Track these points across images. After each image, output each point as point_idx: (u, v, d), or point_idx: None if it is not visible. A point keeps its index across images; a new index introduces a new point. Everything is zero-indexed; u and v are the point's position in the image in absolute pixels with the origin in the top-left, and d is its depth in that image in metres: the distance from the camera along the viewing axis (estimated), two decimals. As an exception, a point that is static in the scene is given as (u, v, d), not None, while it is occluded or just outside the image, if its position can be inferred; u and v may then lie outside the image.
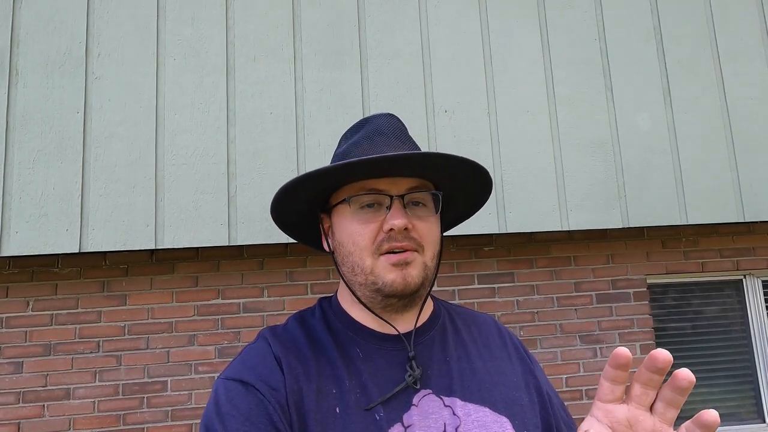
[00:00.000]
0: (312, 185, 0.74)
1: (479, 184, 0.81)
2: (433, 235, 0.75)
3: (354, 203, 0.73)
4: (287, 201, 0.78)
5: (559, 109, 2.69)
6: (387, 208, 0.72)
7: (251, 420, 0.64)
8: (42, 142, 2.36)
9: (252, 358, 0.71)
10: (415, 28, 2.68)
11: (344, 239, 0.74)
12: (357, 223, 0.72)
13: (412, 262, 0.71)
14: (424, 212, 0.75)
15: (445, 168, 0.75)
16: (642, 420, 0.53)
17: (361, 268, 0.72)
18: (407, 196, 0.73)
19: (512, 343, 0.83)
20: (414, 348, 0.74)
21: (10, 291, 2.48)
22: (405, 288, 0.71)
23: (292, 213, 0.82)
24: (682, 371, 0.51)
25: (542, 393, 0.79)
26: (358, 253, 0.72)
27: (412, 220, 0.72)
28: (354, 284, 0.74)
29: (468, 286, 2.71)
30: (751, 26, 2.87)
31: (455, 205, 0.86)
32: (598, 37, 2.78)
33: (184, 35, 2.53)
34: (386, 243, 0.71)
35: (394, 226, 0.69)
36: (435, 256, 0.75)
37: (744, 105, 2.78)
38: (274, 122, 2.51)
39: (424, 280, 0.73)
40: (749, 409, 2.85)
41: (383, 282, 0.71)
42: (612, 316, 2.75)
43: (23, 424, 2.38)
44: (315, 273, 2.62)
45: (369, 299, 0.74)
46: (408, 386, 0.70)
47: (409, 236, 0.71)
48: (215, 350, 2.52)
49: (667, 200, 2.65)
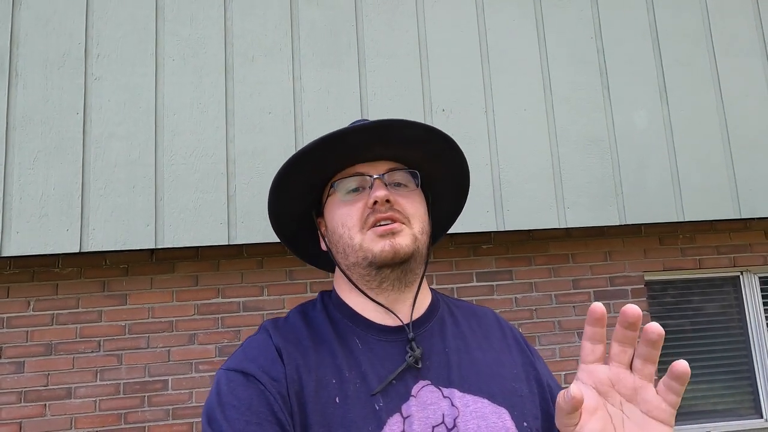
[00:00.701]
0: (297, 171, 0.77)
1: (451, 160, 0.84)
2: (418, 209, 0.78)
3: (340, 189, 0.77)
4: (281, 197, 0.80)
5: (556, 108, 2.70)
6: (370, 188, 0.76)
7: (252, 410, 0.65)
8: (42, 142, 2.37)
9: (253, 349, 0.72)
10: (412, 27, 2.69)
11: (335, 226, 0.77)
12: (344, 206, 0.76)
13: (399, 232, 0.73)
14: (406, 190, 0.78)
15: (417, 141, 0.78)
16: (623, 378, 0.55)
17: (351, 247, 0.74)
18: (387, 176, 0.77)
19: (512, 335, 0.84)
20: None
21: (11, 291, 2.49)
22: (395, 255, 0.72)
23: (288, 217, 0.84)
24: (650, 324, 0.53)
25: (542, 384, 0.79)
26: (347, 233, 0.75)
27: (394, 195, 0.75)
28: (349, 268, 0.76)
29: (467, 284, 2.72)
30: (746, 23, 2.88)
31: (443, 199, 0.88)
32: (594, 35, 2.80)
33: (183, 35, 2.54)
34: (371, 216, 0.73)
35: (377, 197, 0.73)
36: (423, 231, 0.77)
37: (740, 102, 2.79)
38: (273, 122, 2.52)
39: (414, 251, 0.74)
40: (746, 405, 2.87)
41: (372, 253, 0.73)
42: (610, 313, 2.77)
43: (25, 424, 2.40)
44: (314, 272, 2.63)
45: (364, 280, 0.76)
46: (409, 366, 0.71)
47: (392, 208, 0.74)
48: (216, 349, 2.54)
49: (664, 197, 2.67)
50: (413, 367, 0.71)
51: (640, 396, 0.54)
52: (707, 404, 2.85)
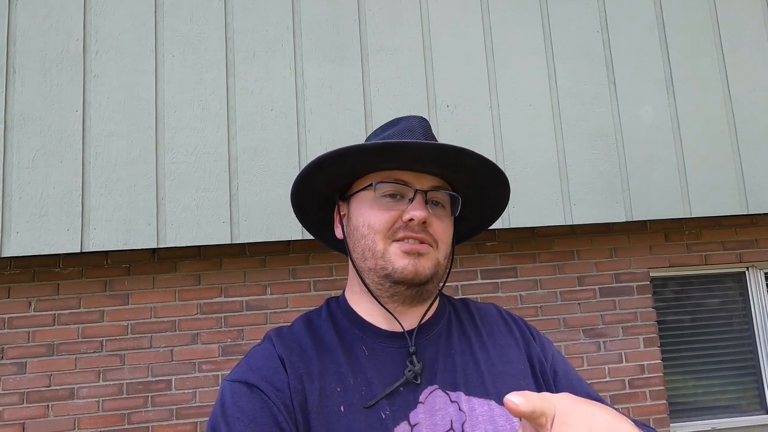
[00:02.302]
0: (348, 162, 0.75)
1: (496, 196, 0.83)
2: (448, 235, 0.77)
3: (379, 189, 0.74)
4: (313, 177, 0.78)
5: (562, 102, 2.67)
6: (409, 200, 0.74)
7: (256, 421, 0.64)
8: (41, 141, 2.34)
9: (257, 360, 0.71)
10: (415, 21, 2.65)
11: (359, 223, 0.75)
12: (376, 208, 0.74)
13: (425, 254, 0.72)
14: (442, 212, 0.77)
15: (471, 171, 0.77)
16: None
17: (372, 252, 0.73)
18: (429, 193, 0.75)
19: (517, 327, 0.83)
20: (419, 344, 0.74)
21: (12, 291, 2.47)
22: (415, 276, 0.71)
23: (311, 193, 0.82)
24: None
25: (547, 375, 0.78)
26: (372, 236, 0.73)
27: (431, 217, 0.73)
28: (363, 270, 0.75)
29: (471, 282, 2.71)
30: (754, 16, 2.84)
31: (467, 218, 0.87)
32: (600, 28, 2.76)
33: (183, 31, 2.50)
34: (402, 231, 0.72)
35: (415, 216, 0.71)
36: (447, 256, 0.76)
37: (747, 96, 2.76)
38: (275, 119, 2.49)
39: (434, 275, 0.74)
40: (752, 400, 2.86)
41: (393, 268, 0.72)
42: (615, 309, 2.75)
43: (28, 424, 2.38)
44: (318, 270, 2.62)
45: (377, 287, 0.74)
46: (408, 381, 0.70)
47: (425, 230, 0.73)
48: (219, 348, 2.52)
49: (670, 193, 2.64)
50: (412, 382, 0.70)
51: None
52: (712, 400, 2.84)
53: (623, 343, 2.71)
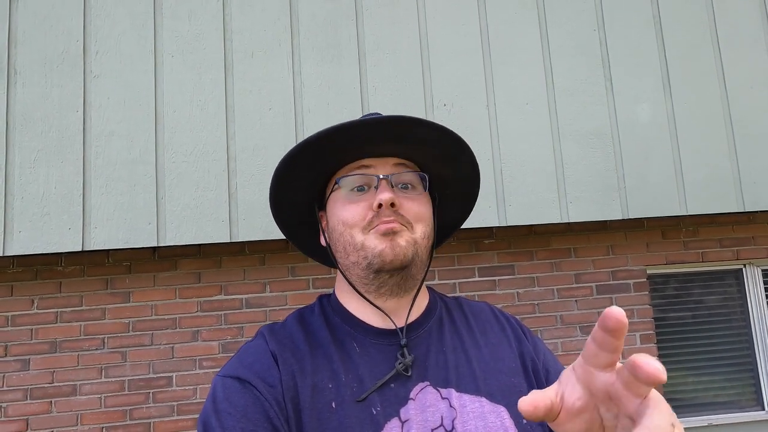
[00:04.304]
0: (301, 160, 0.76)
1: (465, 167, 0.83)
2: (422, 213, 0.76)
3: (344, 185, 0.75)
4: (282, 186, 0.79)
5: (559, 101, 2.68)
6: (375, 188, 0.74)
7: (248, 417, 0.65)
8: (42, 141, 2.36)
9: (249, 356, 0.72)
10: (413, 20, 2.66)
11: (335, 223, 0.76)
12: (348, 204, 0.75)
13: (399, 232, 0.72)
14: (412, 193, 0.77)
15: (430, 142, 0.77)
16: (625, 402, 0.44)
17: (352, 246, 0.74)
18: (394, 177, 0.75)
19: (510, 325, 0.83)
20: (411, 341, 0.75)
21: (15, 289, 2.50)
22: (394, 258, 0.71)
23: (291, 207, 0.82)
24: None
25: (539, 373, 0.78)
26: (349, 231, 0.74)
27: (399, 198, 0.73)
28: (348, 267, 0.76)
29: (468, 279, 2.73)
30: (750, 14, 2.84)
31: (450, 203, 0.87)
32: (597, 27, 2.77)
33: (182, 32, 2.52)
34: (376, 219, 0.72)
35: (382, 200, 0.71)
36: (426, 236, 0.76)
37: (744, 94, 2.76)
38: (274, 118, 2.51)
39: (414, 256, 0.73)
40: (749, 397, 2.88)
41: (372, 254, 0.72)
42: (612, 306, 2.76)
43: (31, 420, 2.42)
44: (316, 268, 2.64)
45: (363, 282, 0.75)
46: (399, 374, 0.71)
47: (397, 213, 0.73)
48: (219, 345, 2.55)
49: (666, 191, 2.65)
50: (402, 374, 0.71)
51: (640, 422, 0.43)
52: (709, 396, 2.85)
53: (620, 340, 2.73)
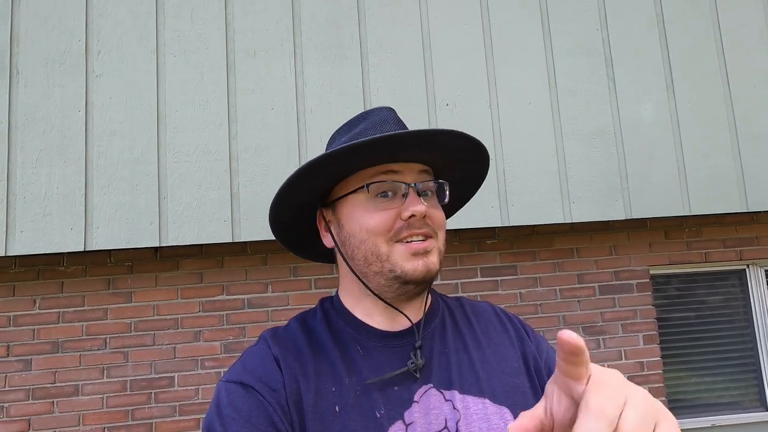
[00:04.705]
0: (332, 166, 0.73)
1: (478, 168, 0.84)
2: (443, 220, 0.77)
3: (372, 190, 0.73)
4: (298, 187, 0.75)
5: (561, 100, 2.67)
6: (403, 195, 0.73)
7: (252, 422, 0.65)
8: (44, 141, 2.36)
9: (252, 360, 0.72)
10: (415, 20, 2.66)
11: (355, 229, 0.73)
12: (372, 210, 0.72)
13: (431, 250, 0.72)
14: (434, 200, 0.77)
15: (455, 150, 0.77)
16: None
17: (376, 256, 0.72)
18: (422, 185, 0.75)
19: (512, 325, 0.83)
20: (413, 343, 0.74)
21: (17, 289, 2.50)
22: (426, 275, 0.71)
23: (292, 207, 0.79)
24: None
25: (542, 372, 0.78)
26: (373, 240, 0.72)
27: (429, 209, 0.73)
28: (368, 275, 0.74)
29: (471, 279, 2.72)
30: (754, 13, 2.83)
31: (451, 194, 0.86)
32: (600, 26, 2.76)
33: (184, 31, 2.52)
34: (405, 230, 0.71)
35: (416, 212, 0.71)
36: (445, 240, 0.77)
37: (747, 93, 2.75)
38: (276, 118, 2.50)
39: (440, 265, 0.75)
40: (752, 397, 2.87)
41: (402, 270, 0.71)
42: (615, 307, 2.76)
43: (33, 420, 2.42)
44: (318, 268, 2.63)
45: (383, 288, 0.74)
46: (404, 375, 0.71)
47: (426, 223, 0.72)
48: (221, 346, 2.55)
49: (669, 191, 2.65)
50: (411, 375, 0.71)
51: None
52: (713, 397, 2.85)
53: (623, 341, 2.72)
